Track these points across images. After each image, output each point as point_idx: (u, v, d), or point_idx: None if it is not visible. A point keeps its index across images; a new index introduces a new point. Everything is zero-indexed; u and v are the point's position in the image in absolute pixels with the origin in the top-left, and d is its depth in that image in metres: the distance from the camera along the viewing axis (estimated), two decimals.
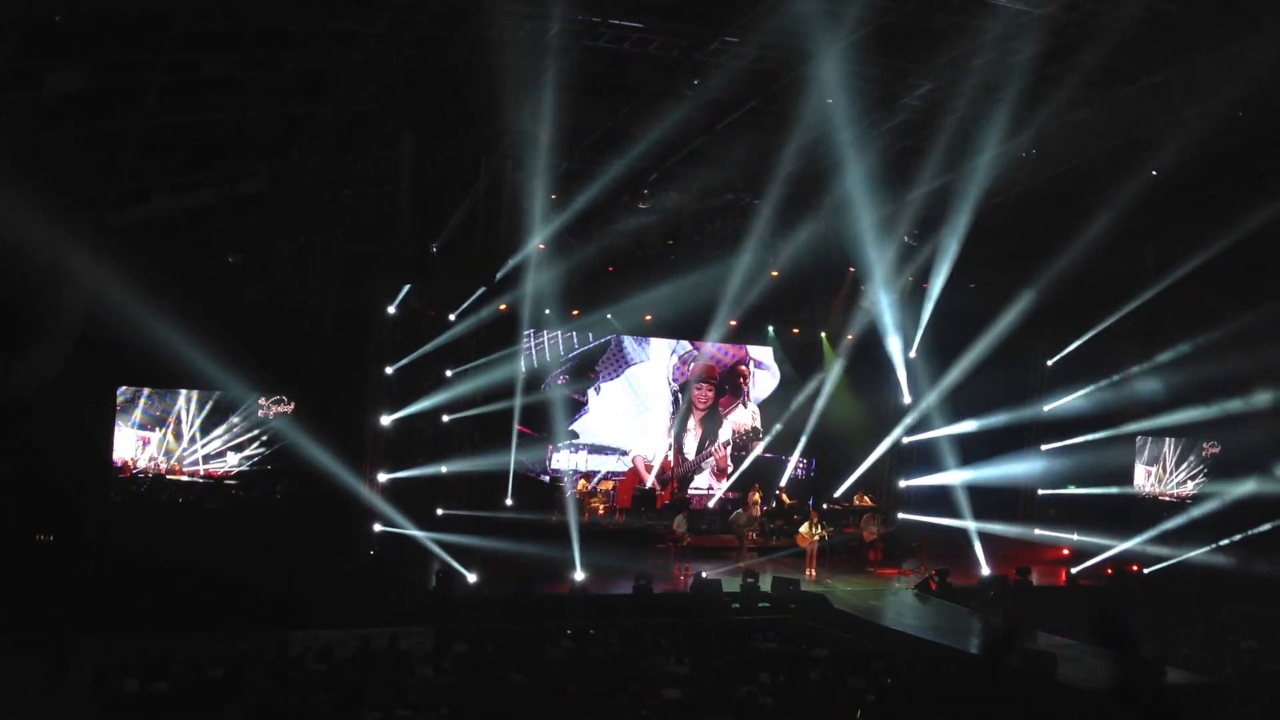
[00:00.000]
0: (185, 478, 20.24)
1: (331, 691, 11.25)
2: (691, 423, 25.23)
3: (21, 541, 17.30)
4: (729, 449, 25.48)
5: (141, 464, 20.01)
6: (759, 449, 25.38)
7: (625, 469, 24.46)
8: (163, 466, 20.15)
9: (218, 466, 20.49)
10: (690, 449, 25.22)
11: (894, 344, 23.66)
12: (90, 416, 18.32)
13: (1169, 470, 26.17)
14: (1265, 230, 19.26)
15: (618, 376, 24.74)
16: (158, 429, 20.11)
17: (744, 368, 25.94)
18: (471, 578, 18.00)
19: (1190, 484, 26.07)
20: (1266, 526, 21.90)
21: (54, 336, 16.69)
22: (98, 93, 14.66)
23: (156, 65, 14.29)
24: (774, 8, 14.66)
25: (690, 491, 24.87)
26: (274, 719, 10.88)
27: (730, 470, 25.29)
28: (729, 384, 25.75)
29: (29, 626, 13.29)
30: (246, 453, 20.56)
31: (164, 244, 17.44)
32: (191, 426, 20.27)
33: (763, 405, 25.94)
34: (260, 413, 20.43)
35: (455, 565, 18.08)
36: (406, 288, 19.90)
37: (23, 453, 16.88)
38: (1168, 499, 26.01)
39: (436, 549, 18.61)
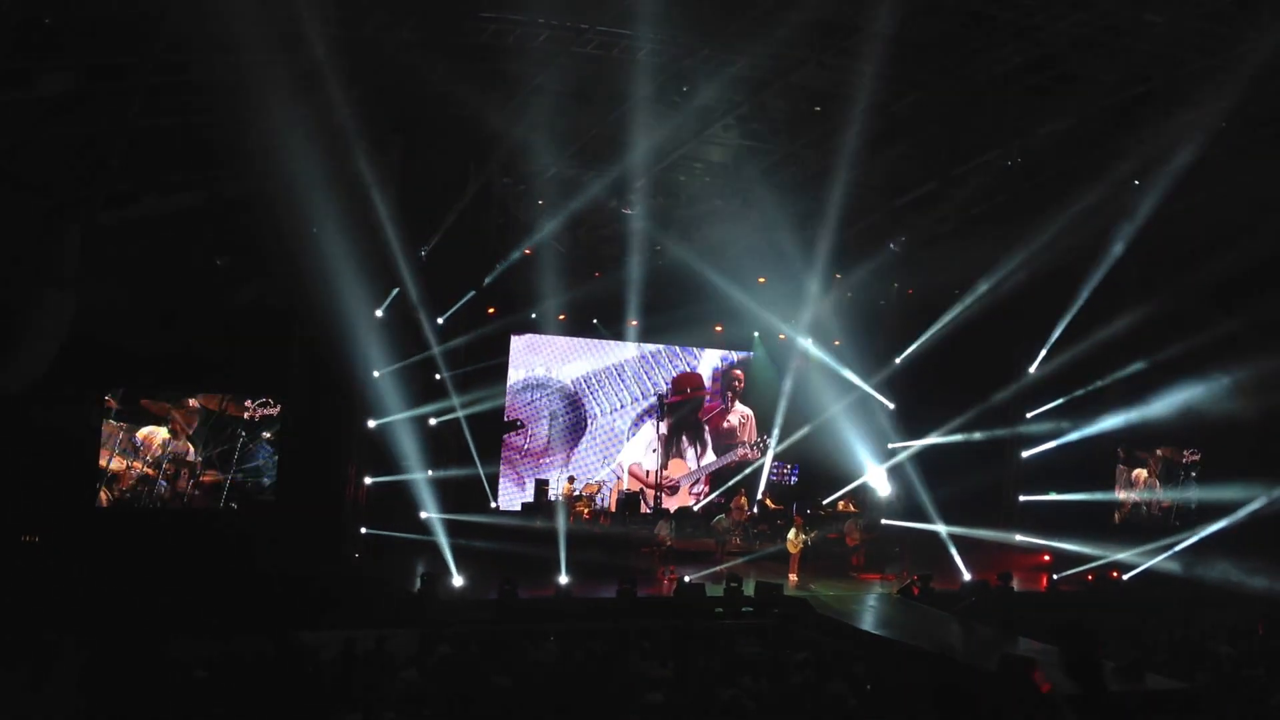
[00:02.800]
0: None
1: (314, 693, 11.29)
2: (685, 432, 25.30)
3: (6, 542, 17.27)
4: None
5: (140, 472, 18.87)
6: (762, 458, 25.49)
7: (613, 477, 24.50)
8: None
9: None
10: (689, 459, 25.27)
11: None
12: (77, 418, 18.28)
13: (1158, 479, 26.25)
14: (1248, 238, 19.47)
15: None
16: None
17: (737, 372, 26.02)
18: (456, 580, 18.06)
19: (1184, 494, 26.15)
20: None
21: (40, 338, 16.67)
22: (87, 94, 14.68)
23: (145, 66, 14.33)
24: (765, 16, 14.79)
25: (690, 496, 24.98)
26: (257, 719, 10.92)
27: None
28: (719, 390, 25.81)
29: (13, 627, 13.29)
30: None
31: (152, 245, 17.42)
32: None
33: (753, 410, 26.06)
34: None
35: (450, 563, 18.21)
36: (395, 291, 19.93)
37: (8, 453, 16.85)
38: (1158, 508, 26.16)
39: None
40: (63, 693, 11.69)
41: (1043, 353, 23.94)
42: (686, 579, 18.82)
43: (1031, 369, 24.38)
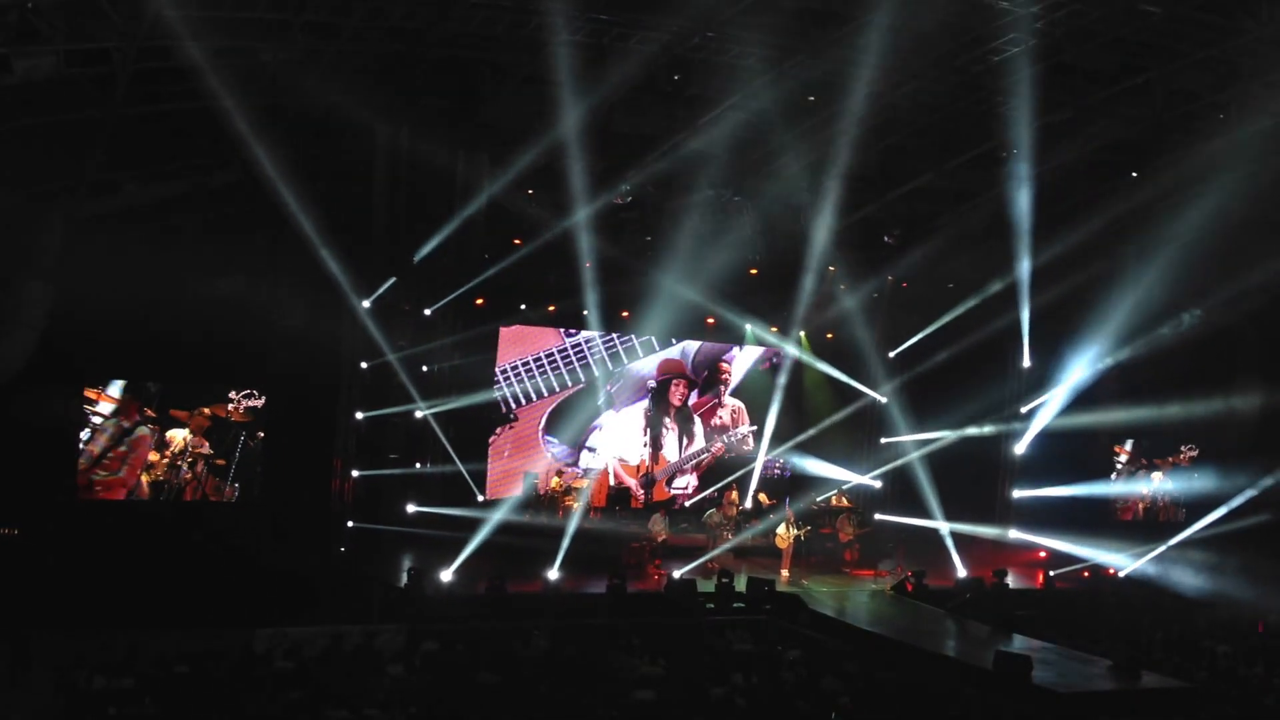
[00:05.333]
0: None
1: (299, 689, 11.14)
2: (668, 423, 25.08)
3: None
4: (720, 451, 25.32)
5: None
6: (754, 450, 25.29)
7: (599, 468, 24.27)
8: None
9: None
10: (670, 450, 25.04)
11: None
12: (57, 409, 18.10)
13: (1153, 475, 26.16)
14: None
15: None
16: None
17: (725, 365, 25.81)
18: (445, 575, 17.86)
19: (1174, 487, 26.06)
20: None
21: (19, 329, 16.48)
22: (69, 80, 14.49)
23: (129, 53, 14.15)
24: (757, 5, 14.63)
25: (672, 492, 24.75)
26: (240, 716, 10.76)
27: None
28: (708, 383, 25.62)
29: None
30: None
31: (134, 235, 17.24)
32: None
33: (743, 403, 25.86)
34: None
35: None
36: (391, 280, 19.74)
37: None
38: (1153, 505, 26.10)
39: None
40: (40, 688, 11.57)
41: (1026, 345, 23.77)
42: (676, 574, 18.63)
43: (1024, 363, 24.18)
